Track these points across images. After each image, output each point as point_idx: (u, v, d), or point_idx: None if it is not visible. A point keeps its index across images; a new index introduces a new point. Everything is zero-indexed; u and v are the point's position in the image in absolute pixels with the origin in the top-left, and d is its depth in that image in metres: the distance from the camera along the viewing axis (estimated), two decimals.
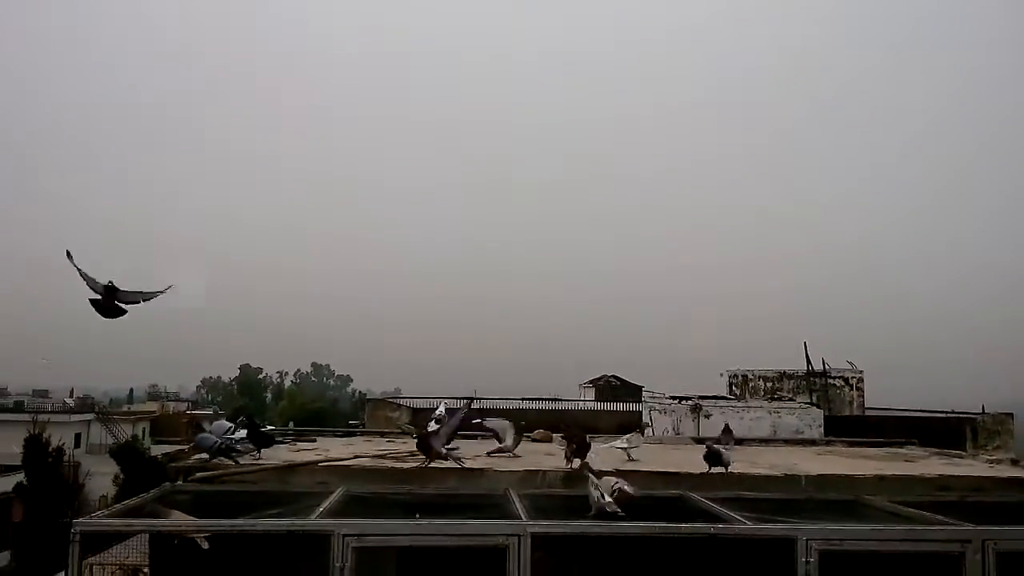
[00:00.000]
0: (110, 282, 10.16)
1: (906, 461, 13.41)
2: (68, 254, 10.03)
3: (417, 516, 8.47)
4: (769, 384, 25.77)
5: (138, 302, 10.23)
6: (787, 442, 17.25)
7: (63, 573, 8.13)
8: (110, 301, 10.14)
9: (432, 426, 11.77)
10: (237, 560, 9.12)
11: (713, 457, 10.40)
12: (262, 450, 11.43)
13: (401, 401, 26.70)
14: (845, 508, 9.57)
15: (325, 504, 8.60)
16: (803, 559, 7.57)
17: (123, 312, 10.21)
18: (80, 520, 8.10)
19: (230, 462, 10.48)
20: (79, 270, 10.06)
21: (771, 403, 22.95)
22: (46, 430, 41.12)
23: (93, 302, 10.19)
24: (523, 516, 8.15)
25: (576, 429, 11.66)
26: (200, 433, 11.31)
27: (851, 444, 16.50)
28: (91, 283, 10.16)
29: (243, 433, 11.36)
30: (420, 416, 19.18)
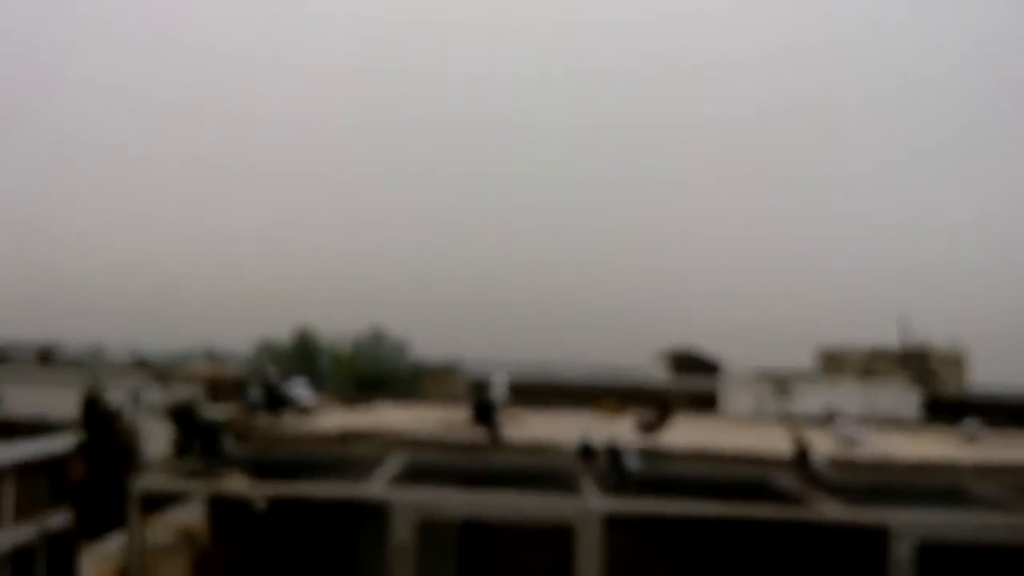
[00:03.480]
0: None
1: (1010, 447, 12.96)
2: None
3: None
4: (862, 360, 25.18)
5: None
6: (881, 423, 16.87)
7: (120, 532, 8.60)
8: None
9: (491, 394, 11.90)
10: (294, 525, 9.44)
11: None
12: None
13: (460, 368, 27.03)
14: (944, 496, 9.32)
15: (385, 473, 8.78)
16: (898, 549, 7.44)
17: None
18: (139, 480, 8.52)
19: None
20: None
21: (863, 381, 22.44)
22: (103, 389, 42.82)
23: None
24: (592, 494, 8.17)
25: (658, 401, 11.72)
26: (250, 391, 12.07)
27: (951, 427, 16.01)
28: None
29: (301, 389, 12.02)
30: (478, 386, 19.39)
